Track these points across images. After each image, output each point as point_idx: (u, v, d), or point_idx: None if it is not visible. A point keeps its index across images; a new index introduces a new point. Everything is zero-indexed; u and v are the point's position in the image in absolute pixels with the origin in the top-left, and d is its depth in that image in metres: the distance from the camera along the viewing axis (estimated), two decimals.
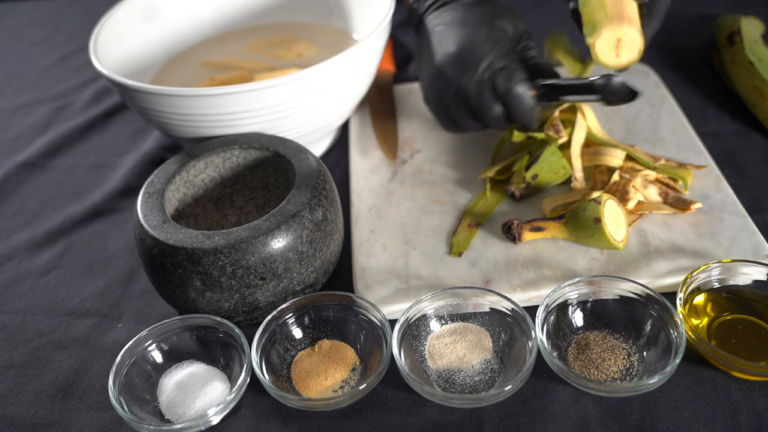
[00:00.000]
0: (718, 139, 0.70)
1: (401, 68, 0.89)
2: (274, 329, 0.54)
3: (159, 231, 0.53)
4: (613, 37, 0.53)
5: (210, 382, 0.51)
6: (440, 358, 0.52)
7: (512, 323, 0.52)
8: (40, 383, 0.55)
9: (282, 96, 0.61)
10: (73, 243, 0.69)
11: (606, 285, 0.53)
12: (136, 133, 0.84)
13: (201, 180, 0.62)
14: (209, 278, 0.52)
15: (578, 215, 0.57)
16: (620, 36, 0.53)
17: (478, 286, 0.56)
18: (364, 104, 0.80)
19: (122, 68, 0.72)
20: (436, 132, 0.74)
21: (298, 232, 0.53)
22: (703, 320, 0.52)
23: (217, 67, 0.79)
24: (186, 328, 0.54)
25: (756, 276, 0.53)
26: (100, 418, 0.52)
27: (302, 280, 0.55)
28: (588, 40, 0.55)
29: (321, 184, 0.56)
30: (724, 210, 0.60)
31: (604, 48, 0.53)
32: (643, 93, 0.57)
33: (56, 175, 0.79)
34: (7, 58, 1.06)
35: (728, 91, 0.77)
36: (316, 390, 0.51)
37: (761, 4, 0.89)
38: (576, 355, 0.51)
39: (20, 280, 0.65)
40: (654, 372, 0.48)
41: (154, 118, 0.65)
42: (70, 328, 0.59)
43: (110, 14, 0.75)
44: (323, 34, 0.83)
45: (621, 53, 0.53)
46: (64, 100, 0.92)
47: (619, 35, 0.53)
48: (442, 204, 0.65)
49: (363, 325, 0.54)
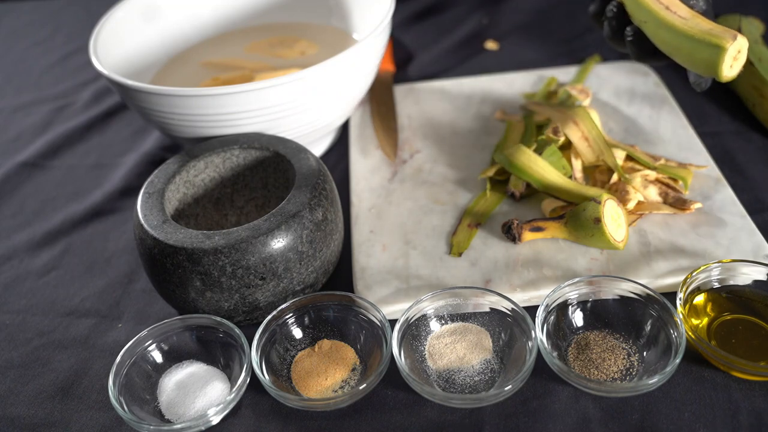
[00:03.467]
0: (718, 139, 0.70)
1: (401, 68, 0.90)
2: (274, 329, 0.54)
3: (159, 231, 0.53)
4: (734, 51, 0.51)
5: (210, 382, 0.51)
6: (440, 358, 0.52)
7: (512, 323, 0.52)
8: (40, 383, 0.55)
9: (282, 96, 0.61)
10: (73, 243, 0.69)
11: (606, 285, 0.53)
12: (136, 133, 0.84)
13: (201, 180, 0.62)
14: (209, 278, 0.52)
15: (578, 215, 0.57)
16: (738, 47, 0.51)
17: (478, 286, 0.56)
18: (364, 104, 0.80)
19: (122, 68, 0.72)
20: (436, 132, 0.74)
21: (298, 232, 0.53)
22: (703, 320, 0.52)
23: (218, 67, 0.79)
24: (186, 328, 0.54)
25: (756, 276, 0.53)
26: (100, 418, 0.52)
27: (302, 280, 0.55)
28: (711, 66, 0.51)
29: (321, 184, 0.56)
30: (724, 210, 0.60)
31: (728, 65, 0.51)
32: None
33: (56, 175, 0.79)
34: (7, 58, 1.06)
35: (728, 91, 0.77)
36: (316, 390, 0.51)
37: (761, 4, 0.89)
38: (576, 355, 0.51)
39: (20, 280, 0.65)
40: (654, 372, 0.48)
41: (154, 118, 0.65)
42: (70, 328, 0.59)
43: (110, 14, 0.75)
44: (323, 34, 0.83)
45: (737, 63, 0.52)
46: (64, 100, 0.92)
47: (738, 47, 0.51)
48: (442, 204, 0.65)
49: (363, 325, 0.54)
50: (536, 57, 0.87)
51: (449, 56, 0.91)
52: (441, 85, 0.82)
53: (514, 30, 0.95)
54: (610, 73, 0.80)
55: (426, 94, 0.81)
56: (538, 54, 0.88)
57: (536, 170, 0.61)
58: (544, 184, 0.60)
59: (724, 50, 0.50)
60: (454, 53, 0.92)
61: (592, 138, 0.63)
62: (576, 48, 0.88)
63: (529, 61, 0.86)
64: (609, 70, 0.80)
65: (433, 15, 1.01)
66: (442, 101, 0.79)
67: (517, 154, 0.62)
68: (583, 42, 0.89)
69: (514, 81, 0.80)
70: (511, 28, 0.95)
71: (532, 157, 0.61)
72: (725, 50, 0.50)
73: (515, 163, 0.61)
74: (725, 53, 0.50)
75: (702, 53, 0.52)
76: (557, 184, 0.60)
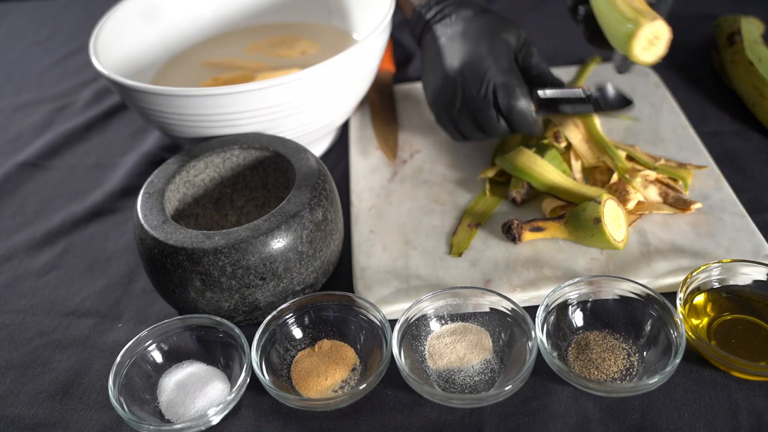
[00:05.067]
0: (718, 139, 0.70)
1: (401, 68, 0.89)
2: (274, 329, 0.54)
3: (159, 231, 0.53)
4: (651, 34, 0.53)
5: (210, 382, 0.51)
6: (440, 358, 0.52)
7: (512, 323, 0.52)
8: (40, 383, 0.55)
9: (282, 96, 0.61)
10: (73, 243, 0.69)
11: (606, 285, 0.53)
12: (136, 133, 0.84)
13: (201, 180, 0.62)
14: (209, 278, 0.52)
15: (578, 215, 0.57)
16: (656, 32, 0.53)
17: (478, 286, 0.56)
18: (364, 104, 0.80)
19: (122, 68, 0.72)
20: (436, 132, 0.74)
21: (298, 232, 0.53)
22: (703, 320, 0.52)
23: (218, 67, 0.79)
24: (186, 328, 0.54)
25: (756, 276, 0.53)
26: (100, 418, 0.52)
27: (302, 280, 0.55)
28: (624, 41, 0.55)
29: (321, 184, 0.56)
30: (724, 210, 0.60)
31: (642, 46, 0.54)
32: (633, 102, 0.59)
33: (56, 175, 0.79)
34: (7, 58, 1.06)
35: (728, 91, 0.77)
36: (316, 390, 0.51)
37: (761, 4, 0.89)
38: (576, 355, 0.51)
39: (20, 280, 0.65)
40: (654, 372, 0.48)
41: (154, 118, 0.65)
42: (70, 328, 0.59)
43: (110, 14, 0.75)
44: (323, 34, 0.83)
45: (653, 49, 0.54)
46: (64, 100, 0.92)
47: (655, 32, 0.53)
48: (442, 204, 0.65)
49: (363, 325, 0.54)
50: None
51: None
52: None
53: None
54: (610, 73, 0.80)
55: None
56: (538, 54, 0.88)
57: (536, 170, 0.61)
58: (545, 184, 0.60)
59: (639, 26, 0.53)
60: None
61: (592, 140, 0.63)
62: (576, 48, 0.88)
63: None
64: (609, 70, 0.80)
65: None
66: None
67: (518, 155, 0.62)
68: (583, 42, 0.88)
69: None
70: None
71: (533, 157, 0.61)
72: (641, 26, 0.53)
73: (516, 163, 0.61)
74: (640, 29, 0.53)
75: (620, 27, 0.54)
76: (558, 183, 0.60)
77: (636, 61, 0.55)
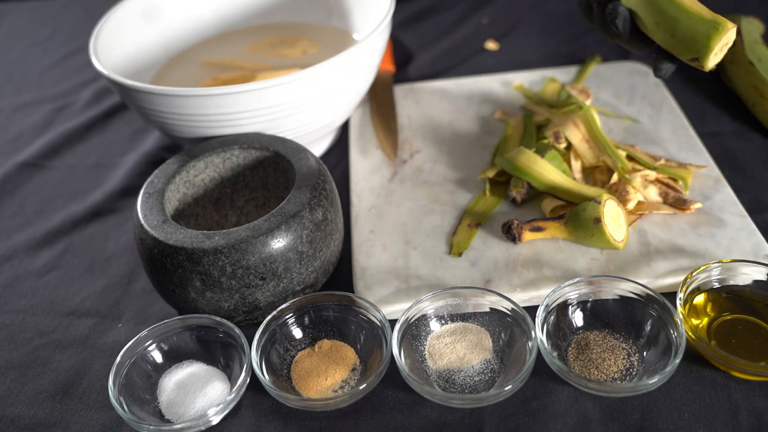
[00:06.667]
0: (718, 139, 0.70)
1: (401, 68, 0.90)
2: (274, 329, 0.54)
3: (159, 231, 0.53)
4: (727, 38, 0.51)
5: (210, 382, 0.51)
6: (440, 358, 0.52)
7: (512, 323, 0.52)
8: (40, 383, 0.55)
9: (282, 96, 0.61)
10: (73, 243, 0.69)
11: (606, 285, 0.53)
12: (136, 133, 0.84)
13: (201, 180, 0.62)
14: (209, 278, 0.52)
15: (578, 215, 0.57)
16: (729, 39, 0.51)
17: (478, 286, 0.56)
18: (364, 104, 0.80)
19: (122, 68, 0.72)
20: (436, 132, 0.74)
21: (298, 232, 0.53)
22: (703, 320, 0.52)
23: (218, 67, 0.79)
24: (186, 328, 0.54)
25: (756, 276, 0.53)
26: (100, 418, 0.52)
27: (302, 280, 0.55)
28: (704, 43, 0.52)
29: (321, 184, 0.56)
30: (724, 210, 0.60)
31: (718, 48, 0.52)
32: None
33: (56, 175, 0.79)
34: (7, 58, 1.06)
35: (728, 91, 0.77)
36: (316, 390, 0.51)
37: (761, 4, 0.89)
38: (576, 355, 0.51)
39: (20, 280, 0.65)
40: (654, 372, 0.48)
41: (154, 118, 0.65)
42: (70, 328, 0.59)
43: (110, 14, 0.75)
44: (324, 34, 0.83)
45: (720, 55, 0.52)
46: (64, 100, 0.92)
47: (729, 38, 0.51)
48: (442, 204, 0.65)
49: (363, 325, 0.54)
50: (536, 57, 0.87)
51: (449, 56, 0.91)
52: (441, 85, 0.82)
53: (514, 30, 0.95)
54: (610, 73, 0.80)
55: (426, 94, 0.81)
56: (538, 54, 0.88)
57: (536, 170, 0.61)
58: (545, 184, 0.60)
59: (724, 29, 0.51)
60: (454, 53, 0.92)
61: (592, 140, 0.63)
62: (576, 48, 0.88)
63: (529, 61, 0.86)
64: (609, 70, 0.80)
65: (433, 15, 1.01)
66: (442, 101, 0.79)
67: (518, 155, 0.62)
68: (583, 42, 0.89)
69: (514, 81, 0.80)
70: (511, 28, 0.95)
71: (533, 157, 0.61)
72: (725, 29, 0.51)
73: (515, 163, 0.61)
74: (725, 32, 0.51)
75: (700, 27, 0.52)
76: (558, 183, 0.60)
77: (704, 64, 0.52)
